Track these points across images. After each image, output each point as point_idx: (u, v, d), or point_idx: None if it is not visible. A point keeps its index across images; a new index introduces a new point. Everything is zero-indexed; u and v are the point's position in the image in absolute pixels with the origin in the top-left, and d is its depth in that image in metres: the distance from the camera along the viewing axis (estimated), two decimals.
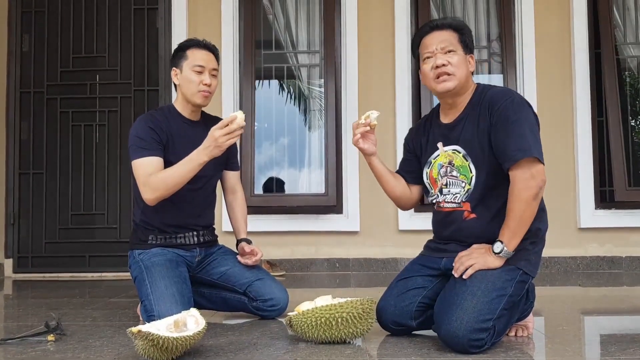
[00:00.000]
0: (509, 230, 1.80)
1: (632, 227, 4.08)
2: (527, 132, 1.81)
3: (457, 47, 1.95)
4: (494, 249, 1.81)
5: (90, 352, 1.84)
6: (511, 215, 1.80)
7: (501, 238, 1.81)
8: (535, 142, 1.81)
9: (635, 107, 4.36)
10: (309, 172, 4.37)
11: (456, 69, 1.93)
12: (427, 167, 2.06)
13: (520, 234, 1.81)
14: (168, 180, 2.18)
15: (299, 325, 1.89)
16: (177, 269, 2.25)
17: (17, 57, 4.30)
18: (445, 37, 1.96)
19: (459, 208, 1.95)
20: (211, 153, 2.13)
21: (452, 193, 1.96)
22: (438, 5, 4.36)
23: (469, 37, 1.99)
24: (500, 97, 1.89)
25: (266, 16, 4.40)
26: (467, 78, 1.97)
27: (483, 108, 1.91)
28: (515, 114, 1.83)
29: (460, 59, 1.95)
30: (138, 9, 4.33)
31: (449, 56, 1.94)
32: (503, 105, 1.85)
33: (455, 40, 1.96)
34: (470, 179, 1.92)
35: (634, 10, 4.31)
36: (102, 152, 4.27)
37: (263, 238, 3.56)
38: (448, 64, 1.93)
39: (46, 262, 4.23)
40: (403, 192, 2.16)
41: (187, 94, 2.35)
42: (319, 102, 4.35)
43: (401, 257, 4.04)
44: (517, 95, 1.90)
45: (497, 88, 1.97)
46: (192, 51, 2.34)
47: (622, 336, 2.08)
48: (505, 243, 1.80)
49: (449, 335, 1.74)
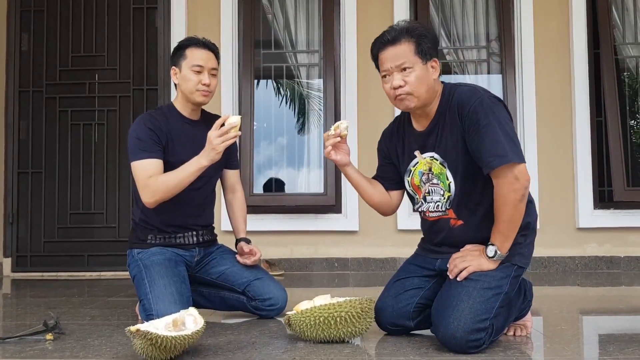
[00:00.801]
0: (501, 234, 1.79)
1: (631, 227, 4.08)
2: (501, 135, 1.75)
3: (413, 60, 1.85)
4: (488, 252, 1.80)
5: (89, 351, 1.84)
6: (501, 219, 1.79)
7: (493, 241, 1.80)
8: (511, 145, 1.76)
9: (634, 108, 4.36)
10: (308, 172, 4.37)
11: (414, 87, 1.84)
12: (408, 176, 2.02)
13: (512, 236, 1.80)
14: (168, 184, 2.17)
15: (298, 325, 1.89)
16: (176, 268, 2.25)
17: (16, 56, 4.30)
18: (399, 52, 1.85)
19: (444, 216, 1.94)
20: (208, 157, 2.14)
21: (434, 201, 1.95)
22: (437, 5, 4.36)
23: (427, 42, 1.87)
24: (468, 99, 1.82)
25: (265, 16, 4.40)
26: (430, 89, 1.88)
27: (452, 112, 1.85)
28: (486, 116, 1.77)
29: (418, 74, 1.85)
30: (137, 8, 4.33)
31: (405, 74, 1.85)
32: (472, 108, 1.79)
33: (412, 53, 1.85)
34: (448, 185, 1.90)
35: (633, 10, 4.32)
36: (101, 151, 4.27)
37: (262, 237, 3.56)
38: (405, 84, 1.85)
39: (45, 261, 4.23)
40: (382, 199, 2.13)
41: (186, 93, 2.34)
42: (318, 101, 4.35)
43: (400, 257, 4.05)
44: (484, 94, 1.83)
45: (463, 88, 1.88)
46: (191, 50, 2.32)
47: (621, 336, 2.08)
48: (498, 247, 1.79)
49: (447, 337, 1.74)
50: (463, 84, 1.94)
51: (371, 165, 2.40)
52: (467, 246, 1.87)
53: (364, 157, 3.87)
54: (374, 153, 2.21)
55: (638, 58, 4.33)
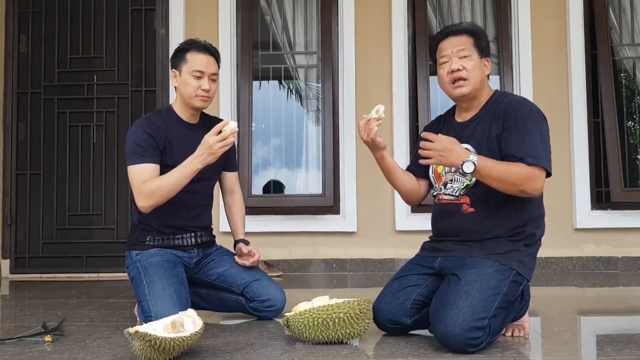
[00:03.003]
0: (490, 162, 1.82)
1: (628, 227, 4.09)
2: (540, 142, 1.87)
3: (472, 51, 2.00)
4: (465, 168, 1.80)
5: (88, 352, 1.84)
6: (502, 164, 1.83)
7: (476, 159, 1.80)
8: (546, 154, 1.88)
9: (631, 109, 4.37)
10: (306, 173, 4.38)
11: (471, 74, 1.99)
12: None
13: (493, 174, 1.81)
14: (162, 188, 2.17)
15: (296, 326, 1.89)
16: (174, 269, 2.26)
17: (14, 57, 4.29)
18: (460, 42, 2.01)
19: (457, 201, 1.98)
20: (205, 160, 2.14)
21: (453, 187, 2.00)
22: (435, 7, 4.37)
23: (484, 41, 2.04)
24: (518, 105, 1.94)
25: (264, 17, 4.40)
26: (482, 82, 2.02)
27: (498, 113, 1.95)
28: (532, 123, 1.88)
29: (475, 63, 1.99)
30: (135, 9, 4.33)
31: (463, 61, 1.99)
32: (520, 112, 1.90)
33: (470, 45, 2.01)
34: (472, 176, 1.93)
35: (630, 11, 4.33)
36: (100, 152, 4.27)
37: (260, 238, 3.56)
38: (463, 69, 1.99)
39: (43, 262, 4.22)
40: (412, 186, 2.18)
41: (185, 97, 2.34)
42: (316, 103, 4.35)
43: (398, 258, 4.05)
44: (535, 107, 1.95)
45: (515, 96, 2.03)
46: (192, 54, 2.30)
47: (618, 336, 2.09)
48: (478, 164, 1.79)
49: (445, 335, 1.75)
50: (516, 95, 2.08)
51: (370, 164, 2.41)
52: (445, 138, 1.86)
53: (363, 157, 3.87)
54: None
55: (635, 59, 4.34)
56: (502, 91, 2.09)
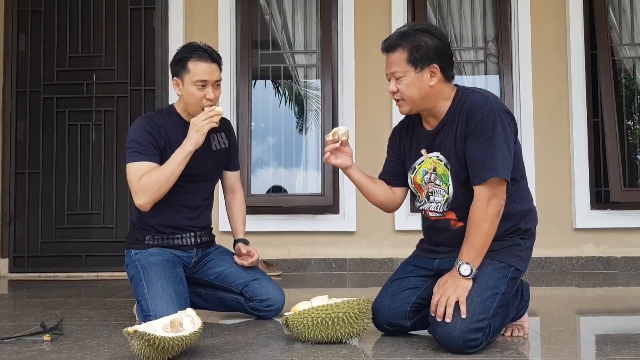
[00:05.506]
0: (474, 249, 1.80)
1: (628, 227, 4.09)
2: (499, 150, 1.80)
3: (405, 68, 1.91)
4: (462, 272, 1.79)
5: (86, 352, 1.84)
6: (478, 233, 1.80)
7: (466, 259, 1.80)
8: (505, 161, 1.81)
9: (630, 108, 4.37)
10: (306, 172, 4.37)
11: (406, 95, 1.92)
12: (412, 173, 2.05)
13: (484, 252, 1.81)
14: (159, 179, 2.17)
15: (296, 325, 1.89)
16: (173, 269, 2.25)
17: (13, 56, 4.29)
18: (393, 61, 1.95)
19: (443, 217, 1.97)
20: (193, 139, 2.16)
21: (436, 202, 1.97)
22: (435, 6, 4.37)
23: (420, 51, 1.90)
24: (478, 107, 1.85)
25: (263, 16, 4.40)
26: (427, 96, 1.92)
27: (462, 117, 1.89)
28: (491, 128, 1.81)
29: (409, 81, 1.91)
30: (135, 8, 4.32)
31: (398, 82, 1.93)
32: (480, 117, 1.83)
33: (404, 62, 1.91)
34: (448, 187, 1.93)
35: (630, 11, 4.33)
36: (99, 151, 4.26)
37: (259, 238, 3.56)
38: (397, 91, 1.94)
39: (42, 261, 4.22)
40: (386, 198, 2.14)
41: (190, 108, 2.30)
42: (316, 102, 4.35)
43: (397, 257, 4.05)
44: (496, 104, 1.86)
45: (476, 95, 1.91)
46: (193, 63, 2.24)
47: (617, 336, 2.09)
48: (472, 264, 1.80)
49: (444, 337, 1.75)
50: (477, 89, 1.97)
51: (369, 164, 2.42)
52: (439, 281, 1.85)
53: (362, 157, 3.86)
54: (372, 152, 2.23)
55: (635, 59, 4.34)
56: (464, 89, 1.97)
